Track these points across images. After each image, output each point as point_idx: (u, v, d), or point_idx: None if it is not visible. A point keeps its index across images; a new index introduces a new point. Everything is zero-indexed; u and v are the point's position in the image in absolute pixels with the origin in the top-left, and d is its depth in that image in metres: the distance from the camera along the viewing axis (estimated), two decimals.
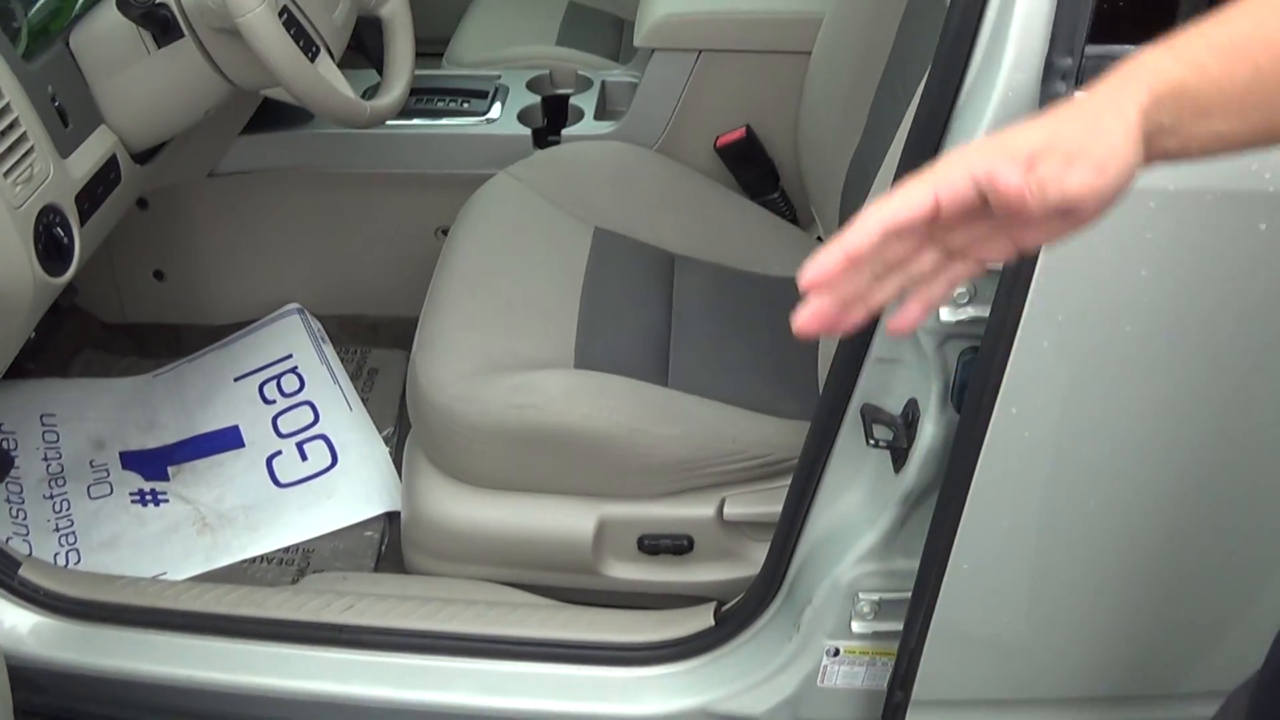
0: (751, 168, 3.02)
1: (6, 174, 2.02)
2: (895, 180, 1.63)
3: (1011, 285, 1.48)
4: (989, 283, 1.54)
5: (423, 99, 3.10)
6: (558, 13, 3.79)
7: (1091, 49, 1.44)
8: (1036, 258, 1.45)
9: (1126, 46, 1.43)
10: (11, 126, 2.06)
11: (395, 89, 2.64)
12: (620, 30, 3.80)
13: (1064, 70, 1.43)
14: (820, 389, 1.93)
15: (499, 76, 3.25)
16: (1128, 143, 1.02)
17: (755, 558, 2.22)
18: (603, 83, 3.23)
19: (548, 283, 2.48)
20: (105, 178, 2.34)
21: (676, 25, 2.93)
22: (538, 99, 3.16)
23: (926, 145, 1.57)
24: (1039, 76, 1.46)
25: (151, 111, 2.41)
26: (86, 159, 2.28)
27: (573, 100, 3.17)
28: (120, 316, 3.34)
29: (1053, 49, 1.44)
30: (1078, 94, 1.41)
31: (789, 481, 2.00)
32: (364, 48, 2.75)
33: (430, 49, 3.59)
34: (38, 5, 2.32)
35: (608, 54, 3.59)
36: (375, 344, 3.24)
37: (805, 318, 1.08)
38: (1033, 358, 1.53)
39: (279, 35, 2.17)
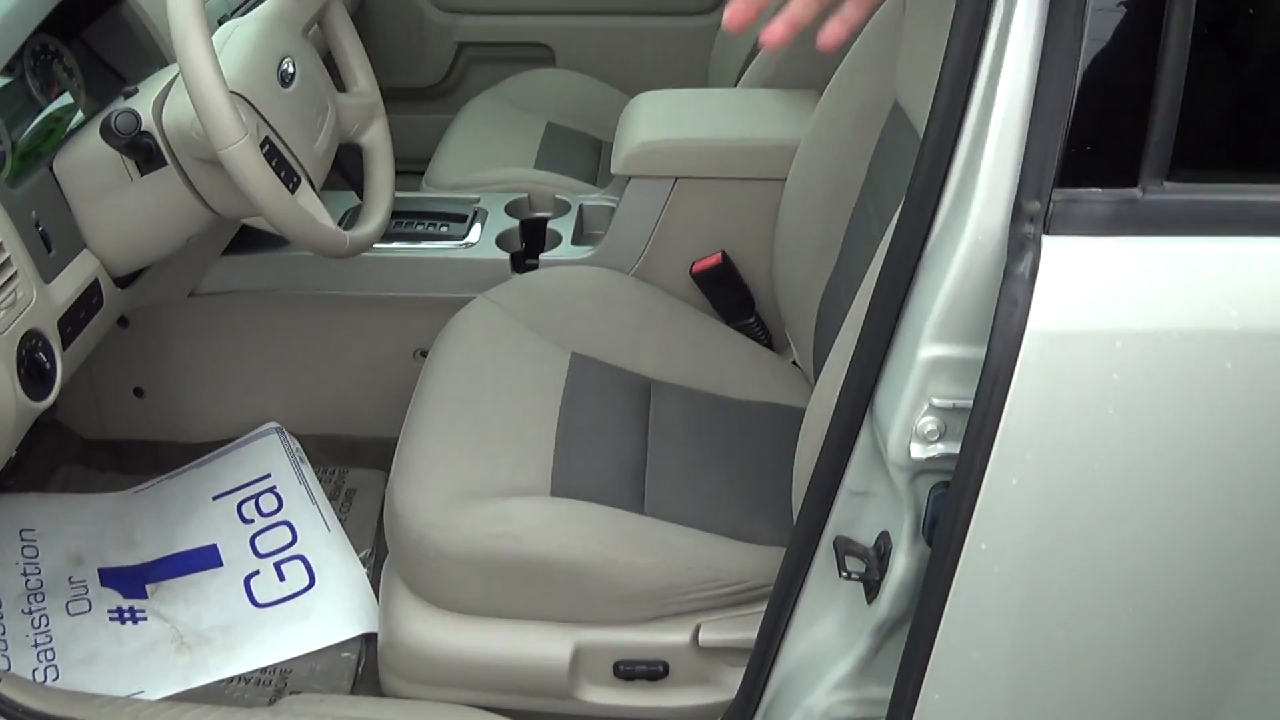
0: (727, 293, 3.05)
1: None
2: (867, 319, 1.66)
3: (981, 423, 1.49)
4: (959, 420, 1.56)
5: (402, 222, 3.12)
6: (536, 135, 3.84)
7: (1059, 192, 1.46)
8: (1006, 396, 1.48)
9: (1094, 189, 1.47)
10: None
11: (375, 218, 2.65)
12: (598, 152, 3.85)
13: (1032, 213, 1.46)
14: (795, 516, 1.94)
15: (477, 200, 3.27)
16: None
17: (730, 683, 2.23)
18: (580, 207, 3.25)
19: (524, 408, 2.50)
20: (88, 302, 2.35)
21: (652, 153, 2.97)
22: (516, 223, 3.17)
23: (897, 286, 1.60)
24: (1007, 219, 1.49)
25: (134, 238, 2.42)
26: (69, 284, 2.29)
27: (551, 224, 3.19)
28: (100, 432, 3.34)
29: (1021, 192, 1.47)
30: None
31: (764, 608, 2.01)
32: (345, 172, 2.78)
33: (410, 168, 3.62)
34: (30, 128, 2.34)
35: (585, 176, 3.62)
36: (354, 464, 3.24)
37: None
38: (1002, 495, 1.54)
39: (260, 168, 2.18)
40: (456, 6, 4.64)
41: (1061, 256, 1.46)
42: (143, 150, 2.29)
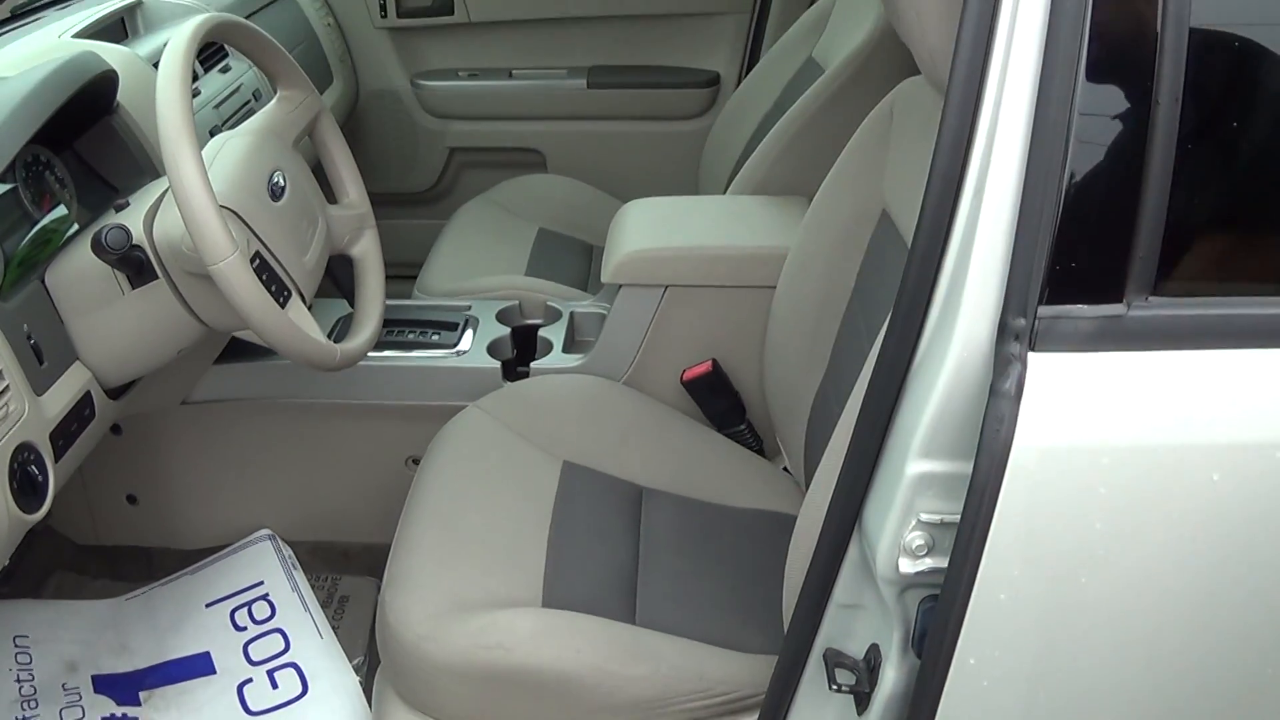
0: (718, 400, 3.06)
1: None
2: (855, 434, 1.66)
3: (969, 539, 1.49)
4: (947, 534, 1.56)
5: (393, 331, 3.14)
6: (528, 240, 3.87)
7: (1044, 309, 1.47)
8: (993, 512, 1.48)
9: (1080, 306, 1.48)
10: None
11: (365, 331, 2.64)
12: (590, 256, 3.87)
13: (1017, 330, 1.46)
14: (785, 627, 1.94)
15: (469, 307, 3.29)
16: None
17: None
18: (571, 314, 3.27)
19: (516, 518, 2.50)
20: (80, 414, 2.35)
21: (642, 262, 2.99)
22: (507, 330, 3.19)
23: (884, 402, 1.61)
24: (993, 335, 1.49)
25: (126, 350, 2.41)
26: (61, 396, 2.29)
27: (541, 333, 3.21)
28: (93, 538, 3.34)
29: (1006, 309, 1.48)
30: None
31: (756, 717, 2.01)
32: (336, 280, 2.77)
33: (403, 272, 3.64)
34: (25, 240, 2.35)
35: (577, 282, 3.63)
36: (346, 571, 3.25)
37: None
38: (990, 609, 1.54)
39: (250, 283, 2.18)
40: (448, 112, 4.70)
41: (1047, 372, 1.47)
42: (134, 264, 2.29)
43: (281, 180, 2.45)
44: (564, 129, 4.66)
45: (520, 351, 3.19)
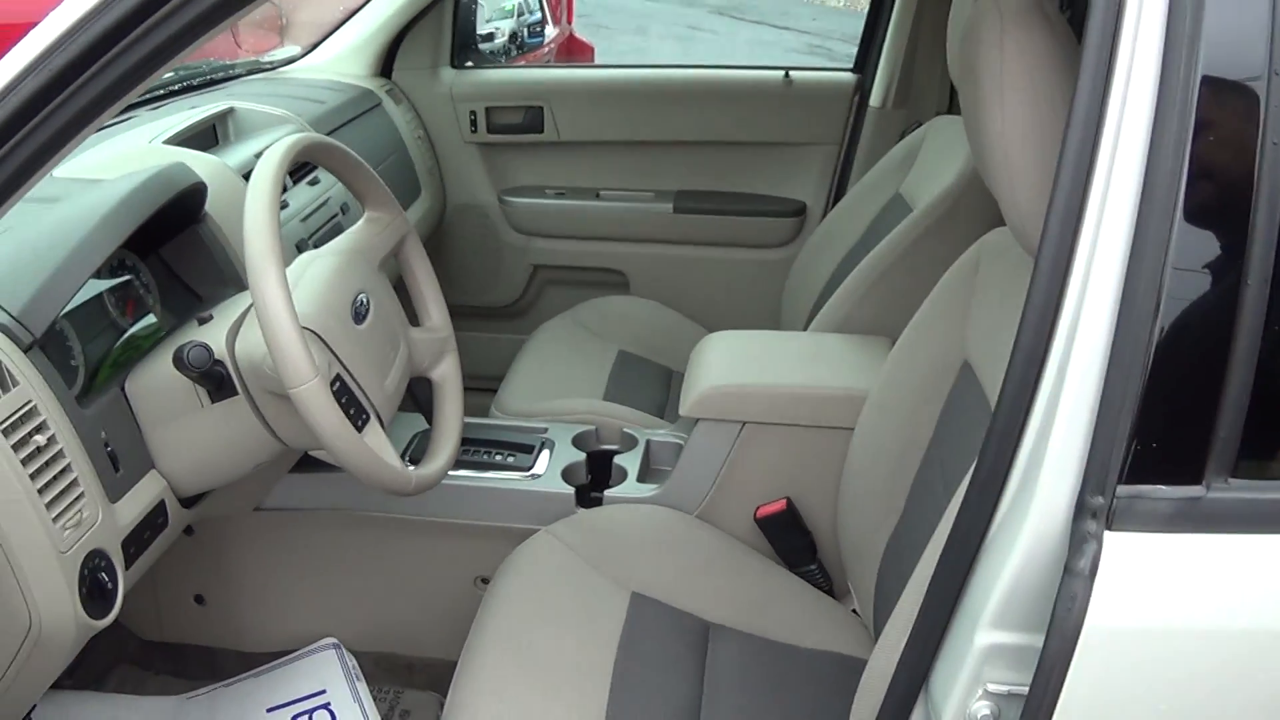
0: (791, 538, 3.03)
1: (56, 519, 2.04)
2: (926, 600, 1.65)
3: (1035, 715, 1.48)
4: (1014, 706, 1.54)
5: (469, 450, 3.14)
6: (607, 363, 3.88)
7: (1123, 489, 1.46)
8: (1060, 689, 1.46)
9: (1159, 487, 1.47)
10: (64, 472, 2.08)
11: (441, 456, 2.65)
12: (668, 382, 3.87)
13: (1095, 509, 1.45)
14: None
15: (545, 430, 3.29)
16: None
17: None
18: (648, 442, 3.26)
19: (581, 648, 2.48)
20: (153, 522, 2.36)
21: (721, 397, 2.98)
22: (583, 456, 3.19)
23: (958, 570, 1.59)
24: (1070, 511, 1.48)
25: (202, 462, 2.43)
26: (135, 504, 2.31)
27: (617, 460, 3.20)
28: (159, 635, 3.35)
29: (1085, 487, 1.46)
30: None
31: None
32: (415, 398, 2.78)
33: (483, 385, 3.65)
34: (118, 345, 2.38)
35: (654, 408, 3.63)
36: (410, 684, 3.24)
37: None
38: None
39: (329, 408, 2.18)
40: (533, 229, 4.74)
41: (1123, 552, 1.45)
42: (214, 379, 2.31)
43: (365, 302, 2.46)
44: (648, 251, 4.69)
45: (595, 477, 3.19)
